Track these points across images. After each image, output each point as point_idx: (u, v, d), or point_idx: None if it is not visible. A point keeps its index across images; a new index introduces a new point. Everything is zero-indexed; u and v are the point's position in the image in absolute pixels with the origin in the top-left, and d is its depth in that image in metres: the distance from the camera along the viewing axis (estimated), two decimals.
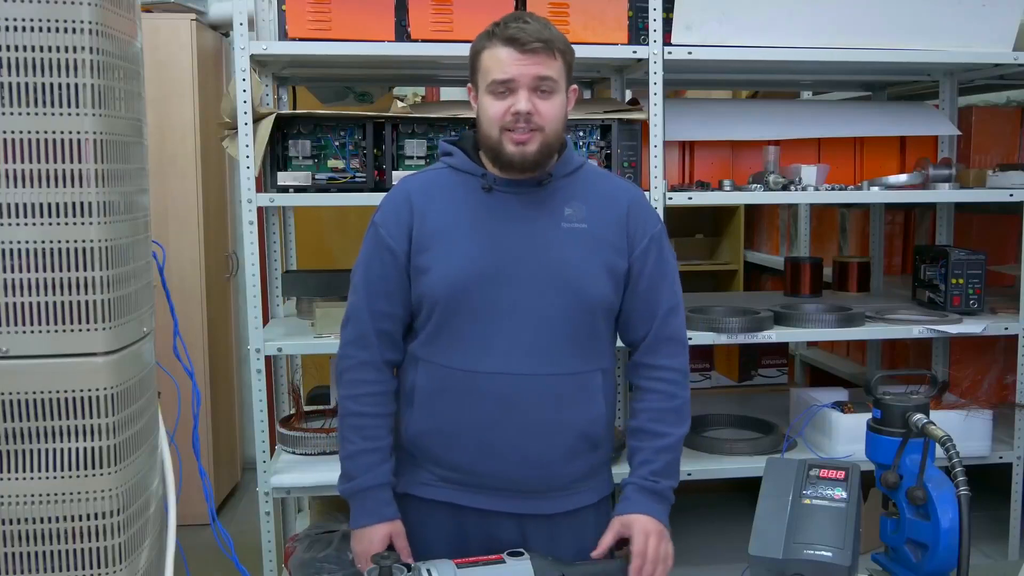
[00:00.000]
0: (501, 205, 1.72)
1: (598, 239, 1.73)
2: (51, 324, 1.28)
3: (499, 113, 1.66)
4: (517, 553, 1.58)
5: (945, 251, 2.84)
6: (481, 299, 1.69)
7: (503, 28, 1.65)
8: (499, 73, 1.64)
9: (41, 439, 1.28)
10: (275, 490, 2.42)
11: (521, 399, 1.69)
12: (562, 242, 1.71)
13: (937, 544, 1.42)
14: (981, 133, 3.19)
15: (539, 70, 1.64)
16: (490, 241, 1.70)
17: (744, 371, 3.71)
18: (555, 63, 1.65)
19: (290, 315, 2.89)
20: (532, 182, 1.73)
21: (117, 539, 1.31)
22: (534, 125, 1.65)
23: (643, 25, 2.48)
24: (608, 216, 1.75)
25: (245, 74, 2.32)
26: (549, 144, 1.68)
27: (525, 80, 1.64)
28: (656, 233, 1.79)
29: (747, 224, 4.61)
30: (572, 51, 1.72)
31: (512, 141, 1.66)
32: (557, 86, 1.67)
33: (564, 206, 1.73)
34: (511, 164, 1.68)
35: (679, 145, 2.81)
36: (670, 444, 1.77)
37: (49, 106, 1.25)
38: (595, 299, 1.72)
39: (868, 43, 2.60)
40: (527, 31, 1.63)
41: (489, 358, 1.69)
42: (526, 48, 1.62)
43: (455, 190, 1.75)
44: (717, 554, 2.89)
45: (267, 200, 2.40)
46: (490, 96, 1.67)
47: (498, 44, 1.65)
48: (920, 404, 1.50)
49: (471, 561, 1.55)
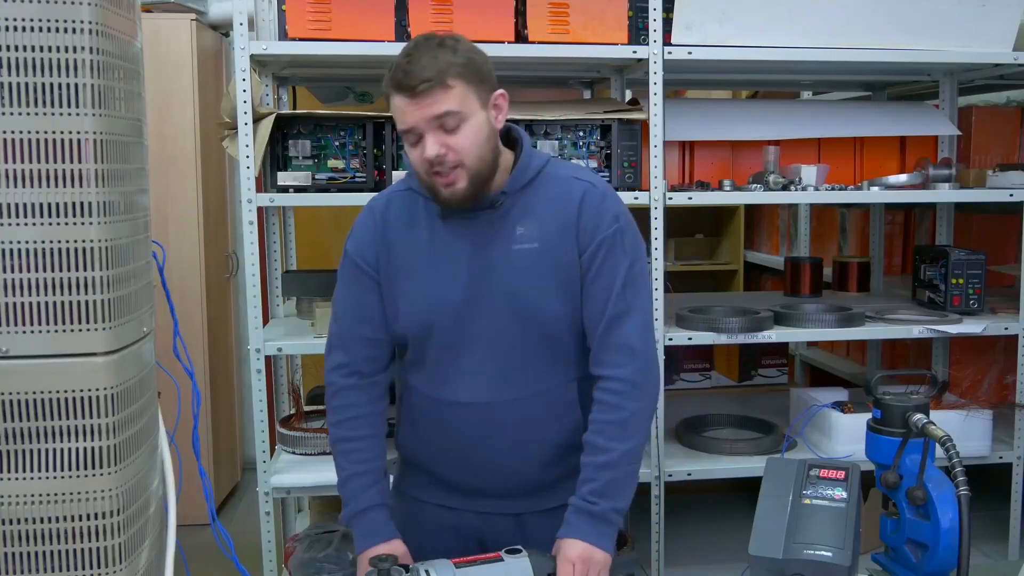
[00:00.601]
0: (457, 235, 1.69)
1: (549, 257, 1.67)
2: (51, 324, 1.28)
3: (417, 161, 1.61)
4: (515, 550, 1.58)
5: (945, 251, 2.84)
6: (446, 331, 1.70)
7: (393, 72, 1.58)
8: (401, 124, 1.60)
9: (41, 439, 1.28)
10: (275, 490, 2.42)
11: (492, 425, 1.72)
12: (513, 266, 1.67)
13: (937, 544, 1.42)
14: (981, 133, 3.19)
15: (434, 109, 1.56)
16: (447, 275, 1.70)
17: (744, 371, 3.71)
18: (451, 93, 1.56)
19: (290, 315, 2.90)
20: (485, 204, 1.67)
21: (117, 539, 1.31)
22: (451, 162, 1.59)
23: (643, 25, 2.48)
24: (559, 227, 1.68)
25: (245, 74, 2.32)
26: (478, 174, 1.62)
27: (424, 125, 1.57)
28: (607, 236, 1.67)
29: (747, 224, 4.61)
30: (475, 62, 1.60)
31: (440, 184, 1.61)
32: (462, 115, 1.57)
33: (517, 225, 1.68)
34: (447, 204, 1.64)
35: (679, 145, 2.81)
36: (612, 460, 1.64)
37: (49, 106, 1.24)
38: (549, 320, 1.69)
39: (868, 43, 2.60)
40: (411, 72, 1.55)
41: (457, 388, 1.72)
42: (415, 92, 1.55)
43: (417, 216, 1.73)
44: (717, 554, 2.89)
45: (267, 200, 2.40)
46: (407, 144, 1.63)
47: (393, 91, 1.59)
48: (920, 404, 1.50)
49: (469, 560, 1.55)
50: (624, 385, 1.66)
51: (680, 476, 2.59)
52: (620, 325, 1.67)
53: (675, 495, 2.86)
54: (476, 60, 1.61)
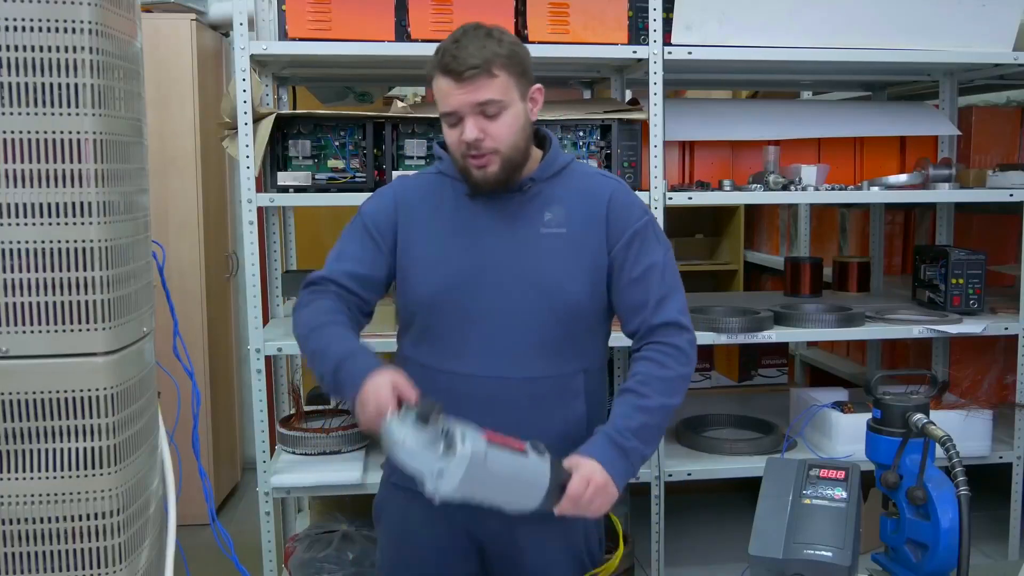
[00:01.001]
0: (484, 212, 1.75)
1: (577, 243, 1.74)
2: (51, 324, 1.28)
3: (454, 142, 1.69)
4: (540, 448, 1.51)
5: (945, 251, 2.84)
6: (460, 303, 1.72)
7: (440, 56, 1.65)
8: (444, 105, 1.66)
9: (41, 439, 1.28)
10: (275, 490, 2.42)
11: (497, 402, 1.71)
12: (541, 248, 1.73)
13: (937, 544, 1.42)
14: (981, 133, 3.19)
15: (478, 96, 1.63)
16: (470, 247, 1.73)
17: (744, 371, 3.71)
18: (496, 82, 1.63)
19: (290, 315, 2.88)
20: (514, 188, 1.74)
21: (117, 539, 1.31)
22: (487, 148, 1.66)
23: (643, 25, 2.48)
24: (588, 217, 1.75)
25: (245, 74, 2.32)
26: (510, 160, 1.69)
27: (467, 109, 1.64)
28: (640, 227, 1.76)
29: (747, 224, 4.61)
30: (519, 55, 1.68)
31: (474, 166, 1.68)
32: (503, 104, 1.65)
33: (544, 211, 1.75)
34: (477, 187, 1.71)
35: (679, 145, 2.81)
36: (651, 407, 1.67)
37: (49, 106, 1.25)
38: (571, 303, 1.73)
39: (868, 43, 2.60)
40: (460, 58, 1.62)
41: (466, 360, 1.72)
42: (462, 77, 1.62)
43: (442, 195, 1.78)
44: (717, 554, 2.90)
45: (267, 200, 2.40)
46: (445, 125, 1.69)
47: (438, 74, 1.65)
48: (920, 404, 1.50)
49: (499, 440, 1.47)
50: (673, 350, 1.73)
51: (680, 476, 2.59)
52: (666, 306, 1.75)
53: (675, 495, 2.86)
54: (519, 53, 1.69)
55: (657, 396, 1.69)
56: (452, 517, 1.76)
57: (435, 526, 1.78)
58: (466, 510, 1.76)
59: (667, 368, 1.72)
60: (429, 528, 1.78)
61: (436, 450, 1.43)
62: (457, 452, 1.41)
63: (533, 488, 1.50)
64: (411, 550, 1.82)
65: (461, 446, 1.41)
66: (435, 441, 1.43)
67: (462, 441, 1.42)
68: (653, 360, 1.72)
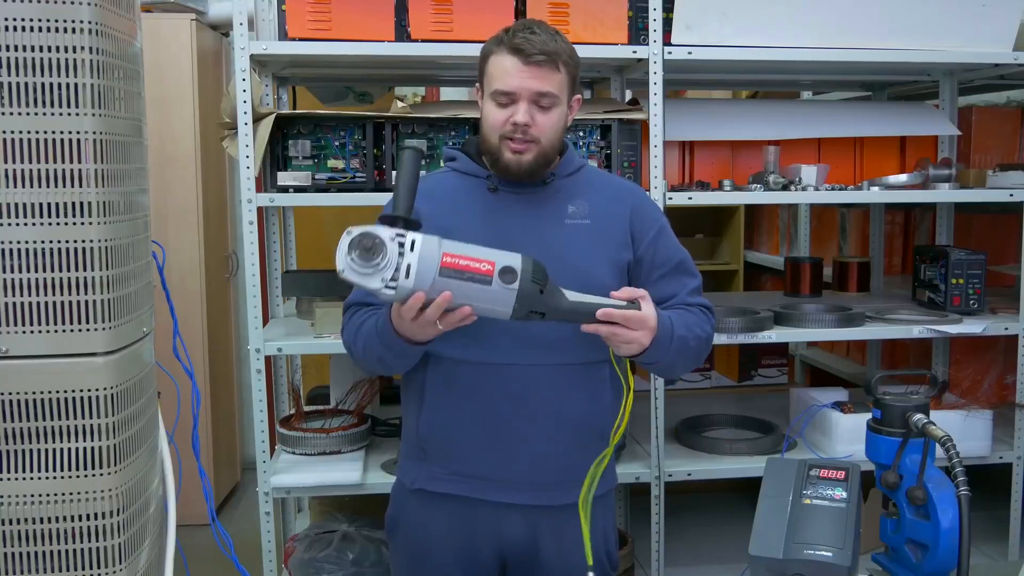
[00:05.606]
0: (505, 204, 1.77)
1: (602, 234, 1.78)
2: (51, 324, 1.28)
3: (499, 121, 1.71)
4: (509, 273, 1.49)
5: (945, 251, 2.84)
6: None
7: (511, 36, 1.69)
8: (502, 84, 1.69)
9: (41, 439, 1.28)
10: (275, 490, 2.42)
11: (528, 389, 1.73)
12: (566, 237, 1.76)
13: (937, 544, 1.42)
14: (981, 133, 3.19)
15: (540, 85, 1.68)
16: (496, 237, 1.71)
17: (744, 371, 3.71)
18: (557, 76, 1.69)
19: (290, 315, 2.89)
20: (536, 182, 1.77)
21: (117, 539, 1.31)
22: (531, 137, 1.70)
23: (643, 25, 2.48)
24: (611, 214, 1.80)
25: (245, 74, 2.32)
26: (545, 154, 1.74)
27: (526, 93, 1.68)
28: (663, 224, 1.85)
29: (747, 224, 4.61)
30: (577, 62, 1.76)
31: (509, 149, 1.72)
32: (557, 100, 1.71)
33: (567, 204, 1.79)
34: (507, 171, 1.74)
35: (679, 145, 2.81)
36: (690, 322, 1.75)
37: (49, 106, 1.24)
38: (598, 290, 1.71)
39: (868, 43, 2.60)
40: (533, 42, 1.66)
41: (496, 350, 1.73)
42: (530, 60, 1.66)
43: (460, 191, 1.80)
44: (717, 554, 2.90)
45: (267, 200, 2.40)
46: (492, 103, 1.72)
47: (504, 52, 1.69)
48: (920, 404, 1.50)
49: (458, 261, 1.48)
50: (705, 311, 1.84)
51: (680, 476, 2.59)
52: (698, 294, 1.85)
53: (675, 495, 2.86)
54: (578, 60, 1.77)
55: (695, 325, 1.77)
56: (478, 522, 1.76)
57: (460, 532, 1.78)
58: (492, 513, 1.76)
59: (702, 320, 1.80)
60: (453, 535, 1.78)
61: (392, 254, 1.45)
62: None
63: (496, 308, 1.52)
64: (431, 563, 1.81)
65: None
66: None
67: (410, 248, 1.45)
68: (688, 311, 1.80)
